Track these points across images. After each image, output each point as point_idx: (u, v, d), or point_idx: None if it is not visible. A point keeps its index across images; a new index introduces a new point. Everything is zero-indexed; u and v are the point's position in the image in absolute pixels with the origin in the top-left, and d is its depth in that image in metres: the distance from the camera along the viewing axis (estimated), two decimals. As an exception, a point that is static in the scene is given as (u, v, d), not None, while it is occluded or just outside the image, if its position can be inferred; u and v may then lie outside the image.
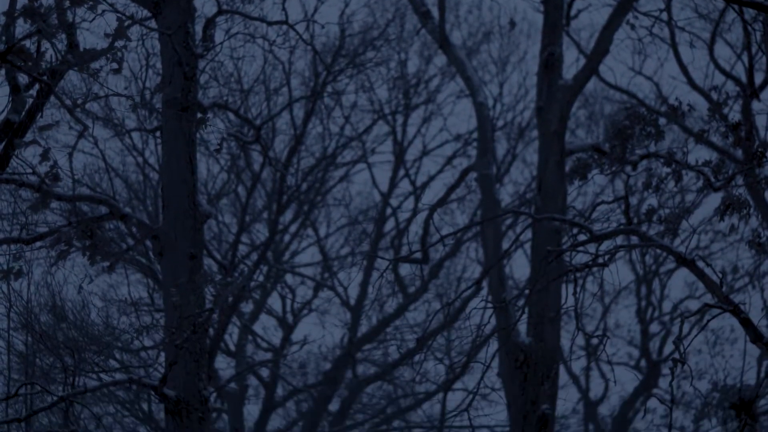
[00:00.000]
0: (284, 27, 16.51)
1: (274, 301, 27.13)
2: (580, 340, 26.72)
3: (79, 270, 16.54)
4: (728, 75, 19.57)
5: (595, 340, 23.94)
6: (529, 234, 17.11)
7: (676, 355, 10.25)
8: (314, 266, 27.20)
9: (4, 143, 10.60)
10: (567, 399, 26.36)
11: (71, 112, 12.29)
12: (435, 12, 17.13)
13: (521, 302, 14.83)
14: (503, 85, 26.79)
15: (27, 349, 18.86)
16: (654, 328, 27.81)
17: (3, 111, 10.86)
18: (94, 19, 10.78)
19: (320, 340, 26.14)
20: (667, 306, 27.62)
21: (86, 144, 19.85)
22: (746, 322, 10.23)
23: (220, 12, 14.87)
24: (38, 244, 13.39)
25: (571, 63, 18.66)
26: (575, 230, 11.06)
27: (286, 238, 26.38)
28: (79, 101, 13.00)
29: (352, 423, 26.33)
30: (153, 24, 13.89)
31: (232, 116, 21.89)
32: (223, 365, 25.99)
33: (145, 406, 23.84)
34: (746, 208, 12.26)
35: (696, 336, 10.90)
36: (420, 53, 26.55)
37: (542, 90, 15.60)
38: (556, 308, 14.09)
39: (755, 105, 17.20)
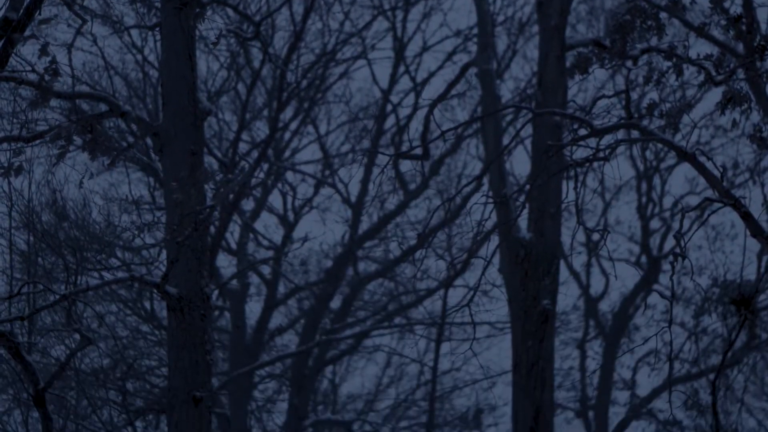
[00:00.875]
0: None
1: (275, 199, 27.20)
2: (581, 237, 26.80)
3: (80, 169, 16.52)
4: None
5: (595, 236, 23.98)
6: (529, 129, 17.07)
7: (677, 250, 10.27)
8: (315, 163, 27.22)
9: (2, 41, 10.51)
10: (568, 294, 26.54)
11: (70, 7, 12.18)
12: None
13: (522, 198, 14.86)
14: (503, -21, 26.53)
15: (29, 248, 18.93)
16: (655, 224, 27.88)
17: (1, 8, 10.76)
18: None
19: (321, 237, 26.23)
20: (667, 202, 27.66)
21: (85, 42, 19.70)
22: (746, 216, 10.24)
23: None
24: (39, 142, 13.37)
25: (572, -44, 18.43)
26: (576, 125, 11.01)
27: (287, 135, 26.33)
28: (78, -4, 12.89)
29: (353, 320, 26.52)
30: None
31: (231, 12, 21.70)
32: (225, 263, 26.13)
33: (147, 304, 23.99)
34: (747, 102, 12.19)
35: (696, 231, 10.91)
36: (420, -53, 26.29)
37: (542, -16, 15.46)
38: (556, 203, 14.11)
39: (757, -2, 17.05)
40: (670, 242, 26.25)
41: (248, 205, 26.04)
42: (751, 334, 21.35)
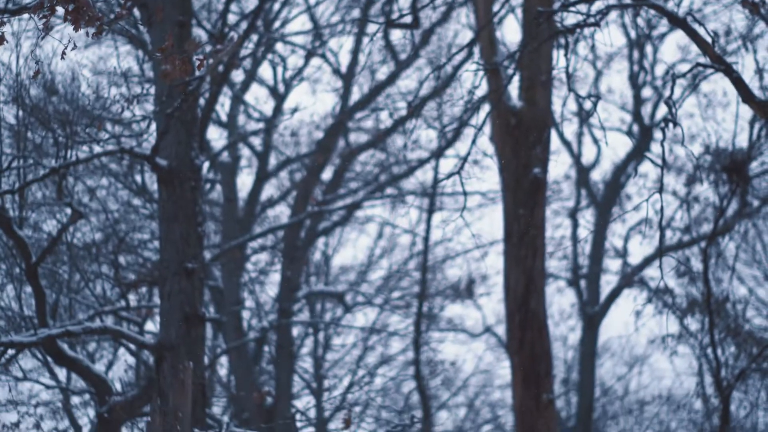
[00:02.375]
0: None
1: (265, 71, 27.03)
2: (573, 106, 26.73)
3: (67, 43, 16.35)
4: None
5: (587, 104, 23.86)
6: (521, -4, 16.89)
7: (668, 116, 10.22)
8: (305, 34, 26.98)
9: None
10: (559, 162, 26.55)
11: None
12: None
13: (512, 66, 14.72)
14: None
15: (18, 122, 18.82)
16: (646, 93, 27.79)
17: None
18: None
19: (312, 108, 26.13)
20: (659, 70, 27.53)
21: None
22: (738, 82, 10.16)
23: None
24: (25, 16, 13.19)
25: None
26: (567, -9, 10.84)
27: (276, 6, 26.04)
28: None
29: (344, 191, 26.53)
30: None
31: None
32: (215, 136, 26.06)
33: (138, 178, 23.96)
34: (741, -34, 12.01)
35: (688, 97, 10.88)
36: None
37: None
38: (547, 71, 14.00)
39: None
40: (662, 112, 26.17)
41: (238, 76, 25.88)
42: (743, 201, 21.38)
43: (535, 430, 12.15)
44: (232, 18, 25.34)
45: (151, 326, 21.72)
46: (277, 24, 26.39)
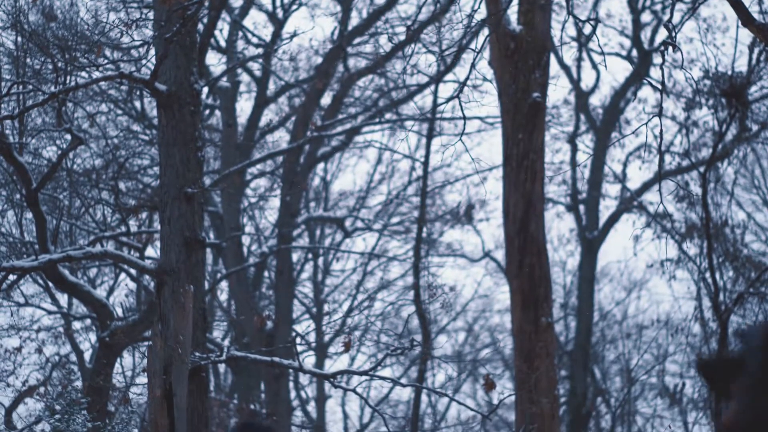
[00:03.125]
0: None
1: (264, -5, 26.90)
2: (572, 31, 26.62)
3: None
4: None
5: (586, 28, 23.75)
6: None
7: (668, 39, 10.20)
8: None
9: None
10: (559, 86, 26.46)
11: None
12: None
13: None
14: None
15: (17, 48, 18.77)
16: (646, 17, 27.67)
17: None
18: None
19: (311, 33, 26.01)
20: (659, -7, 27.39)
21: None
22: (738, 5, 10.13)
23: None
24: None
25: None
26: None
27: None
28: None
29: (344, 116, 26.51)
30: None
31: None
32: (214, 61, 25.98)
33: (137, 104, 23.94)
34: None
35: (687, 20, 10.83)
36: None
37: None
38: (547, -5, 13.95)
39: None
40: (661, 37, 26.06)
41: (237, 1, 25.76)
42: (742, 126, 21.36)
43: (534, 353, 12.26)
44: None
45: (152, 252, 21.81)
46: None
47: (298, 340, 12.70)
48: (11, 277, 20.12)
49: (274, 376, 23.64)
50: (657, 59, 26.47)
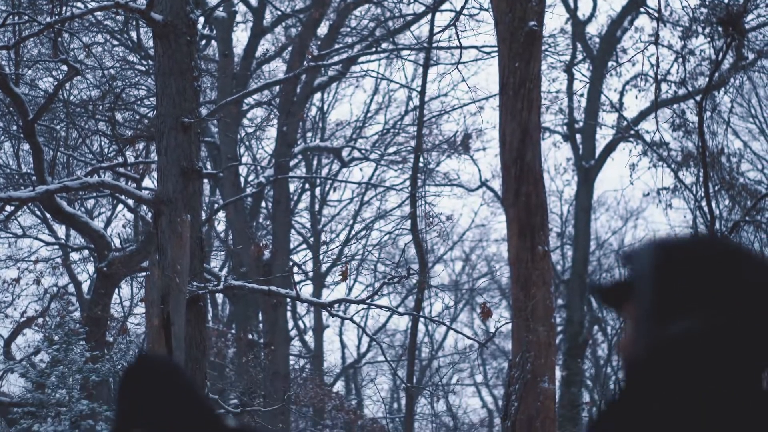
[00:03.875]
0: None
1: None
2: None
3: None
4: None
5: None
6: None
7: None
8: None
9: None
10: (555, 14, 26.36)
11: None
12: None
13: None
14: None
15: (11, -22, 18.67)
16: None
17: None
18: None
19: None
20: None
21: None
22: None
23: None
24: None
25: None
26: None
27: None
28: None
29: (340, 46, 26.42)
30: None
31: None
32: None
33: (133, 34, 23.84)
34: None
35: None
36: None
37: None
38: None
39: None
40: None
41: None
42: (738, 54, 21.29)
43: (531, 281, 12.31)
44: None
45: (149, 182, 21.85)
46: None
47: (295, 269, 12.74)
48: (8, 209, 20.18)
49: (271, 305, 23.78)
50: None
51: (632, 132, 25.10)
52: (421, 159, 23.39)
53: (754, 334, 2.09)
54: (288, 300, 24.47)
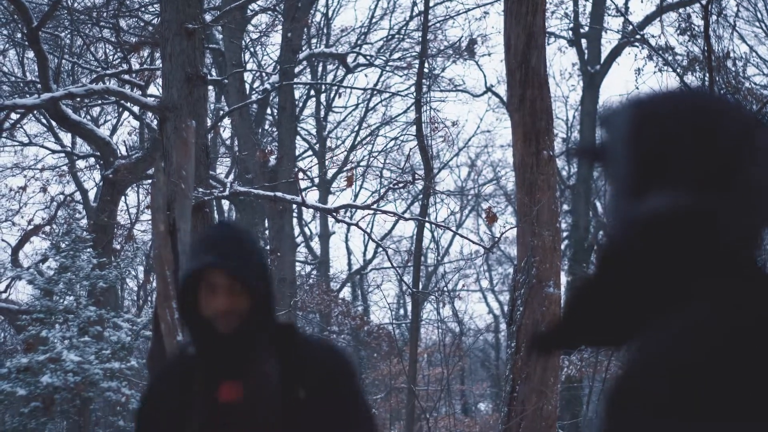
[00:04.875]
0: None
1: None
2: None
3: None
4: None
5: None
6: None
7: None
8: None
9: None
10: None
11: None
12: None
13: None
14: None
15: None
16: None
17: None
18: None
19: None
20: None
21: None
22: None
23: None
24: None
25: None
26: None
27: None
28: None
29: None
30: None
31: None
32: None
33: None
34: None
35: None
36: None
37: None
38: None
39: None
40: None
41: None
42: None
43: (536, 186, 12.32)
44: None
45: (154, 90, 21.81)
46: None
47: (300, 175, 12.74)
48: (14, 116, 20.18)
49: (277, 212, 23.83)
50: None
51: (638, 36, 24.94)
52: (426, 65, 23.26)
53: (743, 208, 1.85)
54: (294, 206, 24.54)
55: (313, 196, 29.20)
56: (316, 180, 28.63)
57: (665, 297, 1.87)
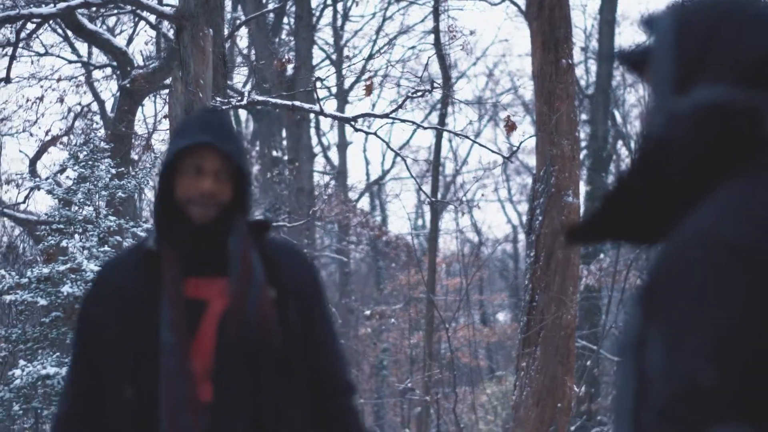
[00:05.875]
0: None
1: None
2: None
3: None
4: None
5: None
6: None
7: None
8: None
9: None
10: None
11: None
12: None
13: None
14: None
15: None
16: None
17: None
18: None
19: None
20: None
21: None
22: None
23: None
24: None
25: None
26: None
27: None
28: None
29: None
30: None
31: None
32: None
33: None
34: None
35: None
36: None
37: None
38: None
39: None
40: None
41: None
42: None
43: (554, 95, 12.23)
44: None
45: (170, -1, 21.63)
46: None
47: (318, 84, 12.64)
48: (30, 26, 20.06)
49: (295, 122, 23.78)
50: None
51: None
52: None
53: None
54: (311, 116, 24.47)
55: (330, 106, 29.12)
56: (334, 89, 28.51)
57: (705, 191, 1.87)
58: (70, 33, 23.17)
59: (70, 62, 27.52)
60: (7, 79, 11.19)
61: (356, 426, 3.38)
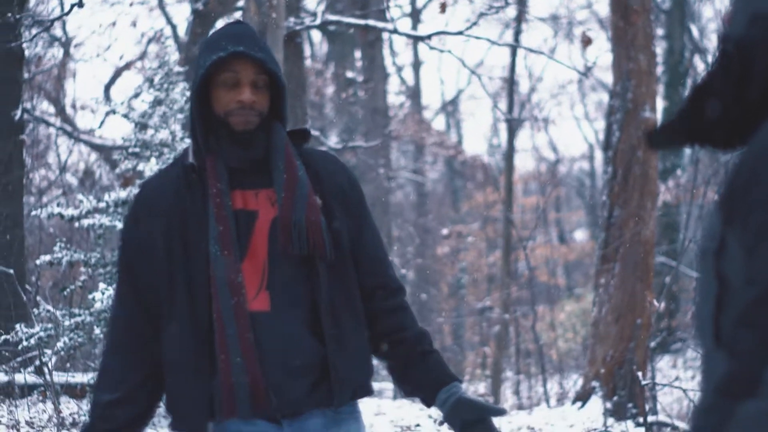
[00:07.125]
0: None
1: None
2: None
3: None
4: None
5: None
6: None
7: None
8: None
9: None
10: None
11: None
12: None
13: None
14: None
15: None
16: None
17: None
18: None
19: None
20: None
21: None
22: None
23: None
24: None
25: None
26: None
27: None
28: None
29: None
30: None
31: None
32: None
33: None
34: None
35: None
36: None
37: None
38: None
39: None
40: None
41: None
42: None
43: (631, 9, 12.03)
44: None
45: None
46: None
47: (391, 2, 12.52)
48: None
49: (368, 42, 23.66)
50: None
51: None
52: None
53: None
54: (385, 35, 24.32)
55: (404, 25, 28.91)
56: (407, 8, 28.30)
57: None
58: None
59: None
60: (80, 3, 11.17)
61: (411, 321, 3.38)
